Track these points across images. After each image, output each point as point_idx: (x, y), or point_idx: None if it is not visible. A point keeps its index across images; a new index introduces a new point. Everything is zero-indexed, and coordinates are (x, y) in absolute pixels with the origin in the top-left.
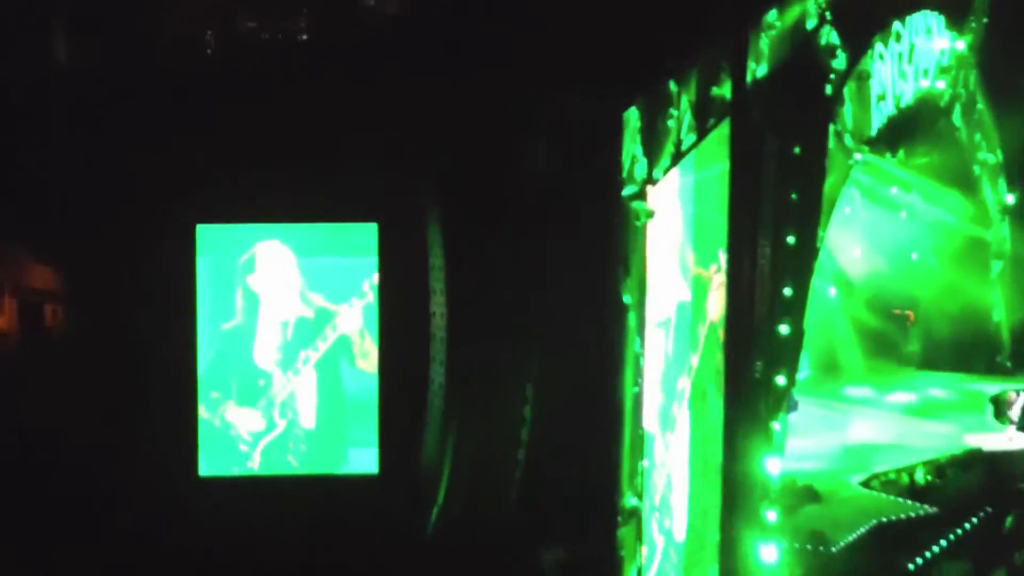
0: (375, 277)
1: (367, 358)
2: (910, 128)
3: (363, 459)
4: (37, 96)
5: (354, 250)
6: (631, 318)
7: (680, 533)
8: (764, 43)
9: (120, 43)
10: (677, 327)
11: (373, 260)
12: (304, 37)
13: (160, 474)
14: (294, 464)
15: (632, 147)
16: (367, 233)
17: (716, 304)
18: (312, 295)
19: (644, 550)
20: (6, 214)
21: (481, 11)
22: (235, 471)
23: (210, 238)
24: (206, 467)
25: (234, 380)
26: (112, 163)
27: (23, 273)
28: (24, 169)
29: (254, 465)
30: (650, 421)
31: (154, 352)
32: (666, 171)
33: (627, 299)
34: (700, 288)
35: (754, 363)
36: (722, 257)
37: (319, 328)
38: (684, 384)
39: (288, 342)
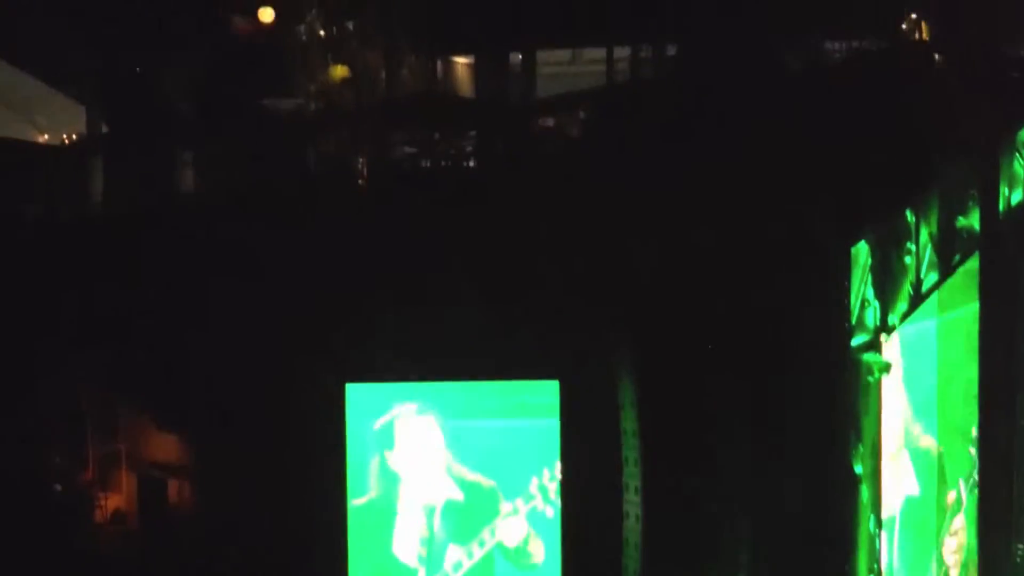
0: (545, 474)
1: (530, 559)
2: None
3: None
4: (161, 241)
5: (517, 411)
6: (864, 492)
7: None
8: (1019, 164)
9: (257, 171)
10: (903, 529)
11: (539, 423)
12: (470, 163)
13: None
14: None
15: (862, 288)
16: (538, 390)
17: (954, 550)
18: (461, 468)
19: None
20: (126, 375)
21: (679, 134)
22: None
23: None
24: None
25: (369, 574)
26: (247, 314)
27: (144, 444)
28: (147, 323)
29: None
30: None
31: (296, 533)
32: (903, 317)
33: (859, 469)
34: (940, 484)
35: (1013, 545)
36: (962, 488)
37: (471, 515)
38: None
39: (434, 534)
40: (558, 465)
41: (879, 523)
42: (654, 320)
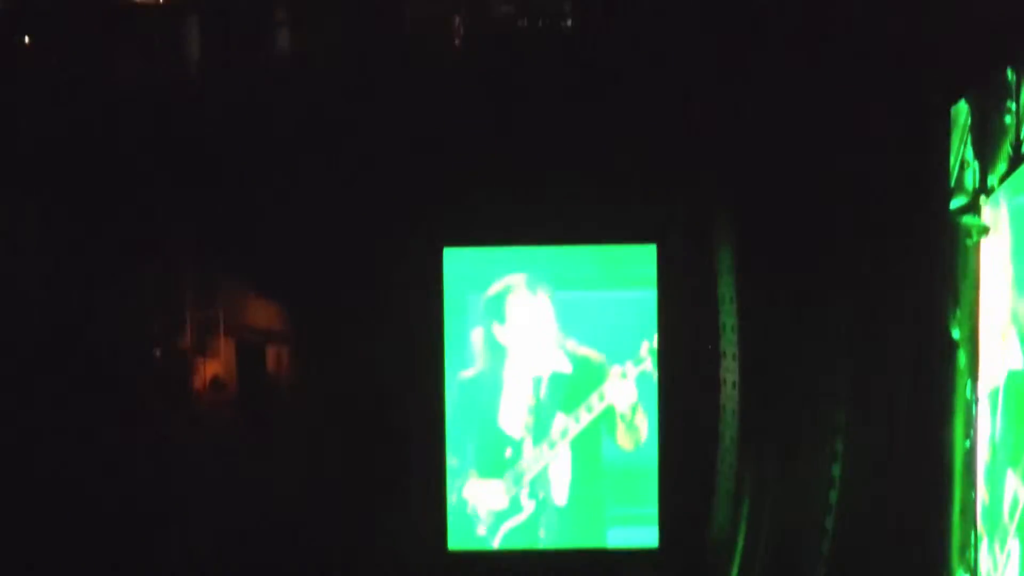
0: (655, 340)
1: (636, 432)
2: None
3: (625, 538)
4: (254, 103)
5: (622, 281)
6: (961, 357)
7: None
8: None
9: (352, 35)
10: (1006, 402)
11: (644, 294)
12: (568, 23)
13: (403, 548)
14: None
15: (961, 149)
16: (641, 258)
17: None
18: (570, 342)
19: None
20: (221, 240)
21: None
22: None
23: (448, 266)
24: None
25: (474, 445)
26: (343, 177)
27: (241, 309)
28: (240, 187)
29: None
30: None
31: (394, 403)
32: (1003, 178)
33: (956, 334)
34: None
35: None
36: None
37: (579, 386)
38: (1020, 492)
39: (541, 403)
40: None
41: (975, 389)
42: (751, 184)
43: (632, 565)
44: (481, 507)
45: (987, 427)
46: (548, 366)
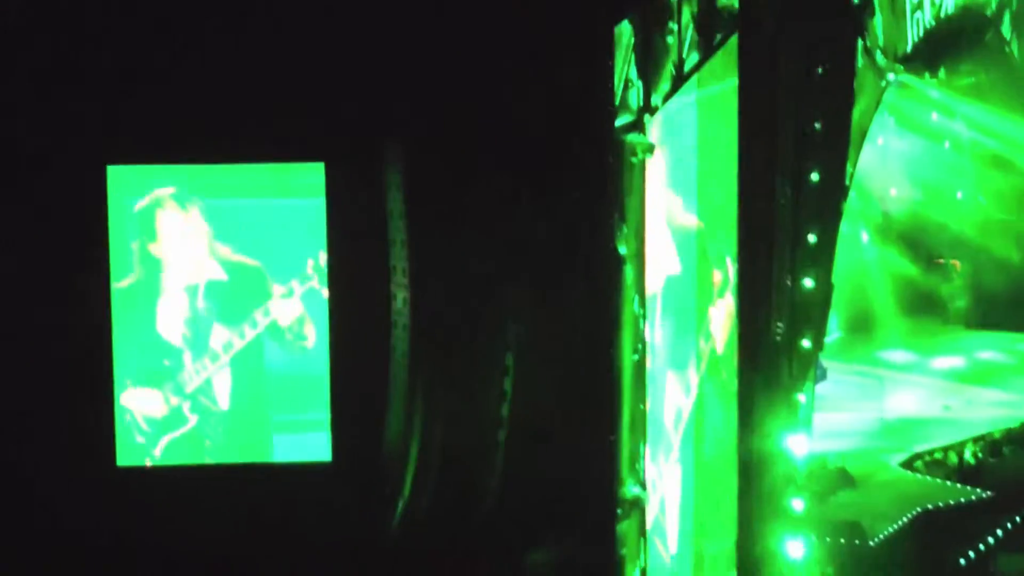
0: (322, 256)
1: (304, 340)
2: (952, 43)
3: (289, 446)
4: None
5: (286, 190)
6: (628, 272)
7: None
8: None
9: None
10: (664, 309)
11: (311, 203)
12: None
13: (70, 462)
14: (208, 459)
15: (625, 69)
16: (308, 171)
17: (721, 325)
18: (224, 249)
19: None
20: None
21: None
22: (144, 462)
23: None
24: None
25: (132, 354)
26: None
27: None
28: None
29: (154, 460)
30: None
31: (60, 320)
32: (666, 98)
33: (623, 250)
34: (702, 262)
35: (773, 323)
36: (729, 266)
37: (238, 297)
38: (681, 403)
39: (198, 313)
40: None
41: (643, 303)
42: (418, 105)
43: None
44: (139, 415)
45: (647, 336)
46: (203, 275)
